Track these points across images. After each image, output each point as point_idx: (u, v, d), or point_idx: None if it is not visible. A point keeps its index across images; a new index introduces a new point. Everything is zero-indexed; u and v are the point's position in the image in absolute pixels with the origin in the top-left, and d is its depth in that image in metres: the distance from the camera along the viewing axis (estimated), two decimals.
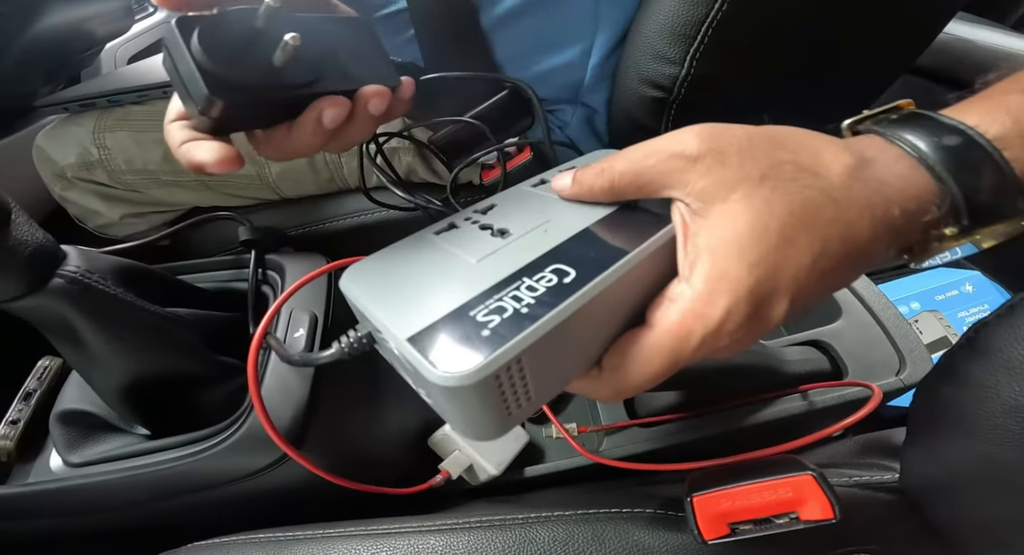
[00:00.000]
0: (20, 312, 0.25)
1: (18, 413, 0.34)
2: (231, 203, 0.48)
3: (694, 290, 0.18)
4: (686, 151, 0.19)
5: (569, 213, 0.22)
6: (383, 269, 0.21)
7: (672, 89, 0.38)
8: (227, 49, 0.20)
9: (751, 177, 0.18)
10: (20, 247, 0.23)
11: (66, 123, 0.46)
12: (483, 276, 0.19)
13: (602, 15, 0.40)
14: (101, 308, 0.26)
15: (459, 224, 0.23)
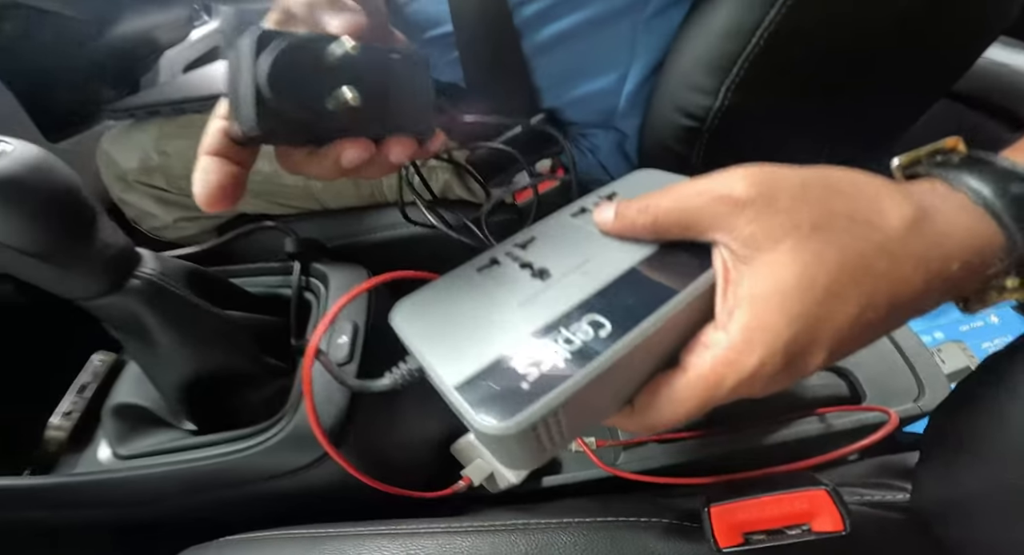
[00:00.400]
0: (97, 309, 0.28)
1: (72, 405, 0.37)
2: (275, 210, 0.52)
3: (730, 339, 0.18)
4: (734, 194, 0.19)
5: (609, 252, 0.23)
6: (430, 307, 0.22)
7: (705, 119, 0.40)
8: (289, 80, 0.21)
9: (802, 227, 0.18)
10: (105, 249, 0.26)
11: (131, 129, 0.50)
12: (523, 323, 0.20)
13: (639, 44, 0.42)
14: (171, 309, 0.29)
15: (500, 260, 0.24)
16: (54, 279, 0.25)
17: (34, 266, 0.24)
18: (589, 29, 0.41)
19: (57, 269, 0.25)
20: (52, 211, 0.23)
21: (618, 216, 0.23)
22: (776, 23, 0.34)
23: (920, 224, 0.18)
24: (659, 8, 0.40)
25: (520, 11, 0.40)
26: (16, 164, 0.23)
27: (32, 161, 0.23)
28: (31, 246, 0.23)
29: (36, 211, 0.23)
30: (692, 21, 0.40)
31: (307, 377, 0.27)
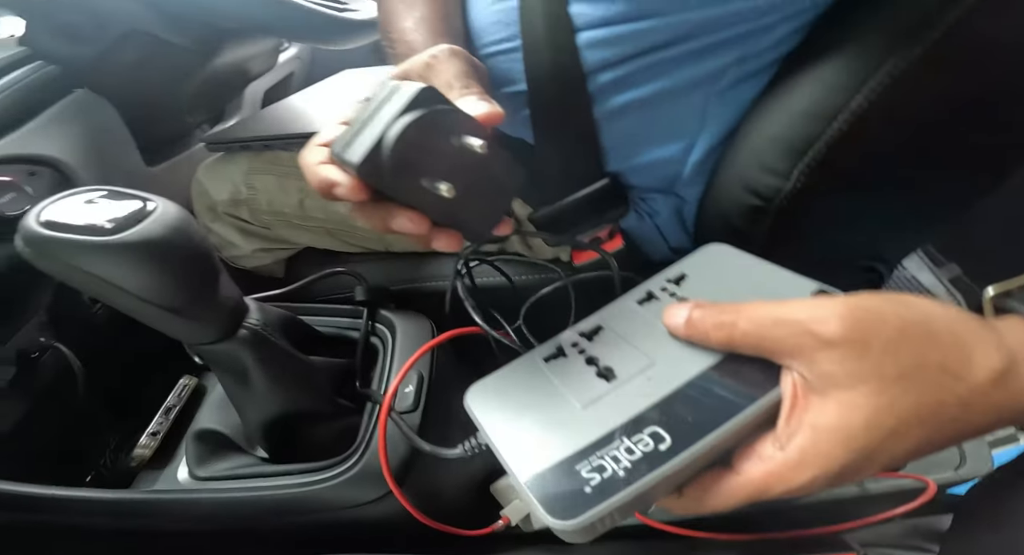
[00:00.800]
0: (204, 352, 0.31)
1: (158, 426, 0.41)
2: (343, 248, 0.55)
3: (786, 457, 0.19)
4: (825, 334, 0.19)
5: (674, 356, 0.23)
6: (501, 394, 0.24)
7: (773, 199, 0.40)
8: (411, 146, 0.22)
9: (888, 375, 0.18)
10: (226, 302, 0.29)
11: (223, 161, 0.54)
12: (588, 427, 0.22)
13: (710, 115, 0.43)
14: (268, 356, 0.32)
15: (567, 351, 0.26)
16: (179, 329, 0.28)
17: (164, 318, 0.27)
18: (662, 98, 0.42)
19: (185, 321, 0.28)
20: (190, 270, 0.27)
21: (690, 325, 0.23)
22: (862, 107, 0.34)
23: (1006, 378, 0.18)
24: (734, 81, 0.41)
25: (595, 77, 0.42)
26: (162, 226, 0.26)
27: (175, 222, 0.27)
28: (167, 302, 0.26)
29: (177, 271, 0.26)
30: (769, 97, 0.40)
31: (382, 430, 0.30)
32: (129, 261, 0.24)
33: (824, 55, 0.36)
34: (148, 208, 0.26)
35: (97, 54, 0.49)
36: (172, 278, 0.26)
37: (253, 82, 0.78)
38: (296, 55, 0.88)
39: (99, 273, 0.24)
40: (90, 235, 0.23)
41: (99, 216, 0.25)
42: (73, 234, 0.23)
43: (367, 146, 0.21)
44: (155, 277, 0.25)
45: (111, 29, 0.48)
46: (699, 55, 0.39)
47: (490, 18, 0.44)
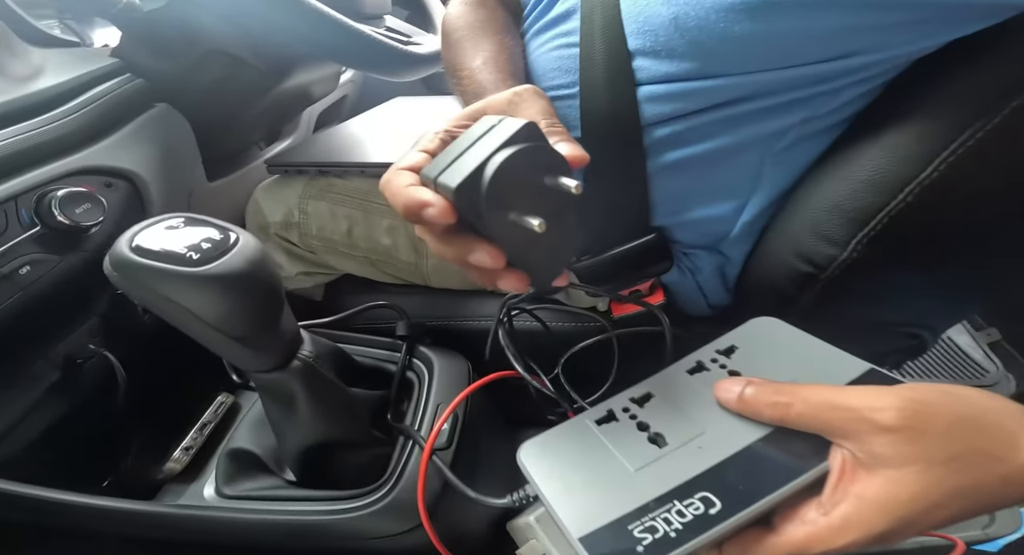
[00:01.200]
0: (258, 379, 0.32)
1: (192, 441, 0.42)
2: (383, 279, 0.56)
3: (829, 522, 0.21)
4: (882, 422, 0.20)
5: (725, 426, 0.25)
6: (554, 453, 0.25)
7: (826, 268, 0.39)
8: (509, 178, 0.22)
9: (936, 458, 0.20)
10: (285, 334, 0.30)
11: (280, 183, 0.56)
12: (640, 489, 0.23)
13: (764, 175, 0.42)
14: (316, 386, 0.33)
15: (618, 416, 0.27)
16: (239, 356, 0.29)
17: (229, 345, 0.28)
18: (718, 156, 0.41)
19: (247, 350, 0.29)
20: (261, 304, 0.28)
21: (743, 401, 0.24)
22: (931, 179, 0.33)
23: None
24: (794, 142, 0.40)
25: (651, 131, 0.42)
26: (244, 260, 0.27)
27: (255, 255, 0.28)
28: (236, 331, 0.27)
29: (250, 304, 0.27)
30: (830, 163, 0.40)
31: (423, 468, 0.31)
32: (211, 292, 0.25)
33: (894, 121, 0.36)
34: (231, 240, 0.27)
35: (181, 70, 0.52)
36: (246, 310, 0.27)
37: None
38: (351, 79, 0.92)
39: (181, 301, 0.25)
40: (177, 265, 0.25)
41: (182, 244, 0.26)
42: (161, 262, 0.25)
43: (467, 172, 0.22)
44: (231, 308, 0.26)
45: (198, 47, 0.51)
46: (762, 115, 0.39)
47: (550, 63, 0.45)
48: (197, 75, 0.52)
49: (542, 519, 0.40)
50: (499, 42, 0.46)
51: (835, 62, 0.35)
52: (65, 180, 0.41)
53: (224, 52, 0.52)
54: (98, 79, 0.48)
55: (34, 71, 0.45)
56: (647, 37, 0.38)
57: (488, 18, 0.49)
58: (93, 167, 0.43)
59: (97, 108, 0.46)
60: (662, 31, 0.37)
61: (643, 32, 0.38)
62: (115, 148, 0.46)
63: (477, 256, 0.24)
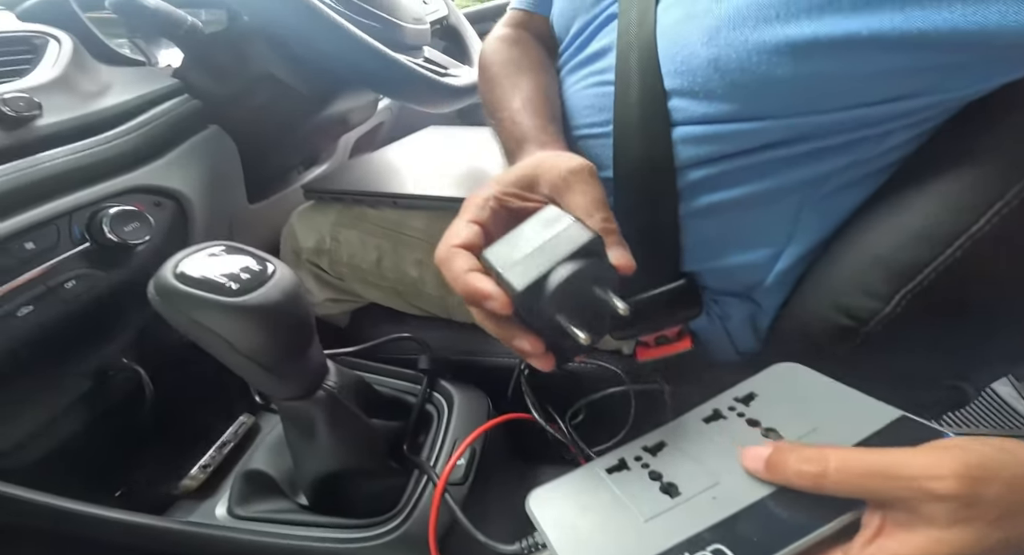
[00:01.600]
0: (282, 406, 0.32)
1: (211, 459, 0.42)
2: (409, 309, 0.57)
3: None
4: (940, 492, 0.19)
5: (740, 477, 0.24)
6: (563, 501, 0.25)
7: (868, 322, 0.38)
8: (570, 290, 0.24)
9: (986, 518, 0.19)
10: (312, 363, 0.31)
11: (314, 209, 0.58)
12: (651, 539, 0.22)
13: (803, 223, 0.41)
14: (338, 416, 0.34)
15: (630, 465, 0.26)
16: (266, 383, 0.30)
17: (258, 373, 0.29)
18: (754, 201, 0.40)
19: (275, 378, 0.29)
20: (294, 335, 0.28)
21: (771, 469, 0.23)
22: (984, 232, 0.32)
23: None
24: (837, 188, 0.39)
25: (686, 173, 0.41)
26: (280, 292, 0.28)
27: (290, 288, 0.29)
28: (267, 361, 0.28)
29: (284, 335, 0.28)
30: (874, 211, 0.38)
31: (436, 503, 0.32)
32: (248, 323, 0.26)
33: (944, 170, 0.35)
34: (268, 271, 0.28)
35: (233, 93, 0.55)
36: (279, 341, 0.28)
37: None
38: (387, 107, 0.96)
39: (219, 330, 0.26)
40: (217, 294, 0.26)
41: (222, 273, 0.27)
42: (202, 291, 0.26)
43: (530, 278, 0.24)
44: (266, 339, 0.27)
45: (250, 71, 0.54)
46: (802, 160, 0.37)
47: (584, 100, 0.45)
48: (247, 98, 0.55)
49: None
50: (536, 81, 0.46)
51: (882, 106, 0.34)
52: (119, 198, 0.43)
53: (273, 77, 0.55)
54: (159, 99, 0.51)
55: (101, 88, 0.48)
56: (685, 77, 0.38)
57: (524, 55, 0.50)
58: (145, 186, 0.45)
59: (156, 128, 0.48)
60: (700, 72, 0.36)
61: (681, 72, 0.38)
62: (167, 168, 0.48)
63: (520, 343, 0.26)
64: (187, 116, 0.52)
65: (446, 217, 0.55)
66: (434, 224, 0.54)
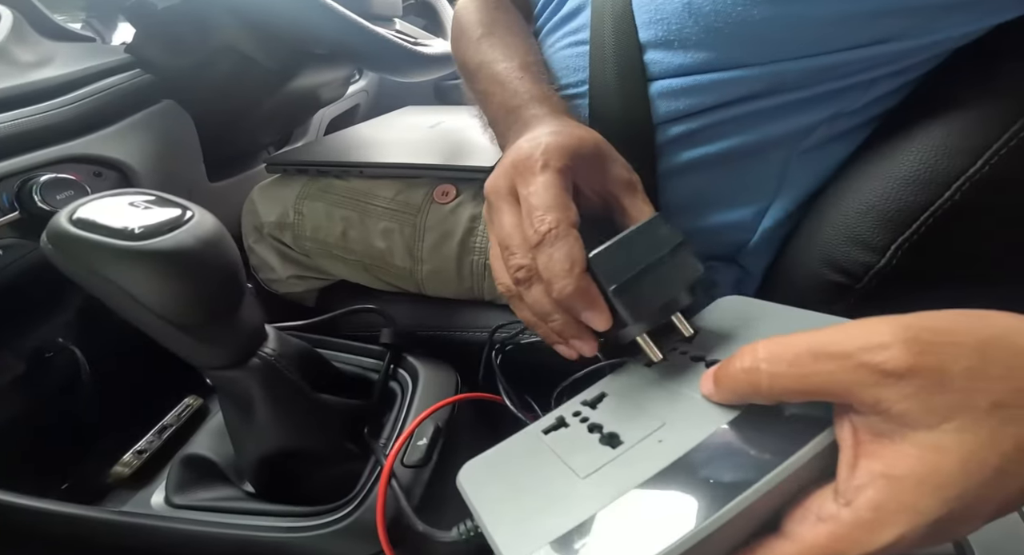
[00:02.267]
0: (212, 377, 0.30)
1: (147, 444, 0.39)
2: (378, 285, 0.54)
3: (854, 516, 0.16)
4: (888, 365, 0.15)
5: (689, 414, 0.21)
6: (496, 472, 0.23)
7: (861, 278, 0.35)
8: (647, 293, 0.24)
9: (978, 407, 0.15)
10: (244, 327, 0.28)
11: (277, 183, 0.56)
12: (589, 499, 0.19)
13: (789, 178, 0.39)
14: (278, 389, 0.31)
15: (568, 421, 0.24)
16: (187, 349, 0.27)
17: (174, 335, 0.26)
18: (737, 156, 0.38)
19: (195, 342, 0.26)
20: (212, 290, 0.26)
21: (719, 386, 0.20)
22: (983, 174, 0.30)
23: None
24: (823, 140, 0.37)
25: (664, 130, 0.39)
26: (193, 238, 0.25)
27: (208, 235, 0.26)
28: (179, 319, 0.25)
29: (197, 288, 0.25)
30: (864, 161, 0.37)
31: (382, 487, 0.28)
32: (150, 271, 0.23)
33: (935, 116, 0.33)
34: (185, 217, 0.25)
35: (191, 67, 0.52)
36: (191, 295, 0.25)
37: (321, 110, 0.82)
38: (363, 88, 0.94)
39: (117, 280, 0.23)
40: (116, 239, 0.22)
41: (135, 220, 0.24)
42: (99, 235, 0.23)
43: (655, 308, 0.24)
44: (175, 292, 0.24)
45: (210, 44, 0.52)
46: (785, 111, 0.36)
47: (561, 62, 0.43)
48: (206, 72, 0.53)
49: None
50: (529, 45, 0.44)
51: (866, 49, 0.32)
52: (54, 167, 0.41)
53: (235, 49, 0.53)
54: (105, 72, 0.49)
55: (40, 60, 0.46)
56: (659, 27, 0.36)
57: (509, 17, 0.48)
58: (83, 155, 0.43)
59: (98, 99, 0.46)
60: (675, 19, 0.35)
61: (655, 22, 0.36)
62: (110, 139, 0.46)
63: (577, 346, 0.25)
64: (137, 90, 0.50)
65: (416, 186, 0.54)
66: (403, 193, 0.52)
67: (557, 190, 0.26)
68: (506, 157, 0.30)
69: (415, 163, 0.52)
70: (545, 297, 0.25)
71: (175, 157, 0.53)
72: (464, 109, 0.67)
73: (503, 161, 0.31)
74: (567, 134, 0.29)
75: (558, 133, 0.29)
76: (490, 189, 0.30)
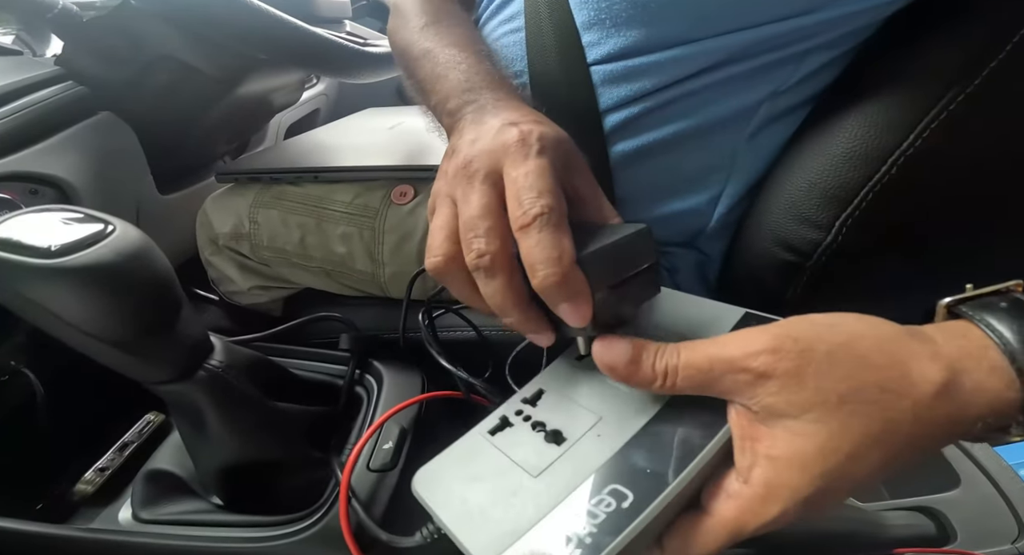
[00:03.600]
0: (159, 392, 0.29)
1: (109, 462, 0.39)
2: (342, 291, 0.53)
3: (752, 491, 0.20)
4: (756, 368, 0.19)
5: (620, 407, 0.23)
6: (450, 476, 0.24)
7: (811, 255, 0.36)
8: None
9: (828, 401, 0.19)
10: (184, 340, 0.27)
11: (231, 193, 0.54)
12: (544, 496, 0.21)
13: (738, 162, 0.40)
14: (229, 401, 0.30)
15: (512, 420, 0.25)
16: (126, 365, 0.26)
17: (110, 353, 0.25)
18: (686, 141, 0.39)
19: (133, 358, 0.26)
20: (141, 305, 0.25)
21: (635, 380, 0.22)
22: (916, 148, 0.31)
23: (949, 390, 0.18)
24: (766, 121, 0.38)
25: (610, 118, 0.39)
26: (113, 252, 0.24)
27: (130, 249, 0.25)
28: (108, 336, 0.24)
29: (122, 304, 0.24)
30: (805, 141, 0.37)
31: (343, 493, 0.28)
32: (69, 288, 0.22)
33: (867, 93, 0.34)
34: (106, 232, 0.24)
35: (127, 78, 0.50)
36: (116, 310, 0.24)
37: (278, 116, 0.81)
38: (322, 92, 0.92)
39: (36, 299, 0.22)
40: (30, 257, 0.21)
41: (55, 238, 0.23)
42: (16, 254, 0.21)
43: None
44: (97, 308, 0.23)
45: (145, 53, 0.50)
46: (725, 89, 0.37)
47: (500, 51, 0.43)
48: (144, 82, 0.51)
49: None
50: (474, 34, 0.43)
51: (792, 21, 0.33)
52: None
53: (173, 58, 0.51)
54: (35, 86, 0.46)
55: None
56: (590, 5, 0.36)
57: (453, 9, 0.46)
58: (16, 173, 0.41)
59: (29, 114, 0.44)
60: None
61: (586, 1, 0.36)
62: (45, 154, 0.44)
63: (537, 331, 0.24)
64: (70, 103, 0.48)
65: (374, 188, 0.53)
66: (361, 196, 0.51)
67: (553, 178, 0.25)
68: (486, 137, 0.28)
69: (370, 165, 0.51)
70: (508, 290, 0.24)
71: (117, 170, 0.51)
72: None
73: (480, 141, 0.28)
74: (551, 125, 0.29)
75: (544, 123, 0.28)
76: (463, 166, 0.27)
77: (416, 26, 0.43)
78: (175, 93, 0.54)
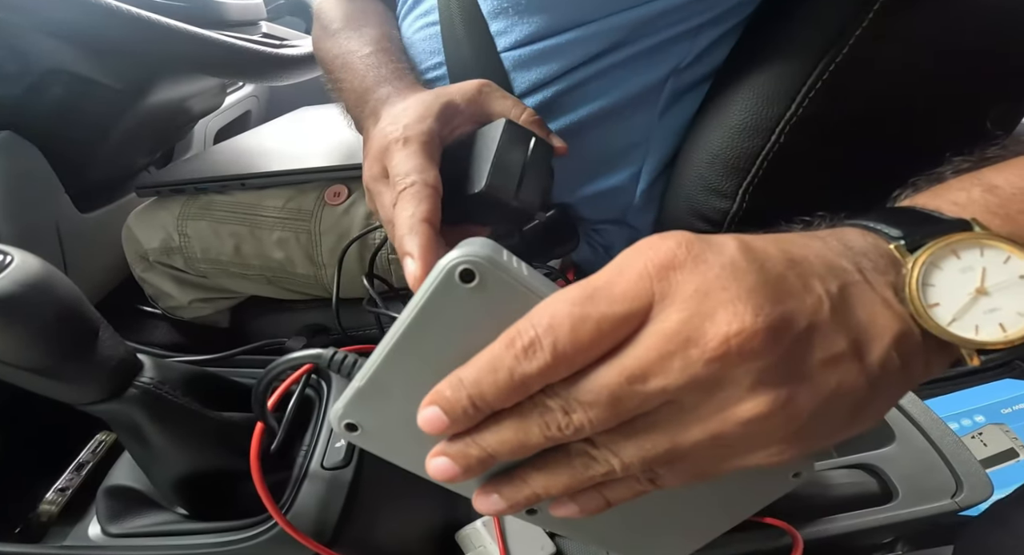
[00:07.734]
0: (95, 412, 0.28)
1: (68, 482, 0.38)
2: (288, 296, 0.53)
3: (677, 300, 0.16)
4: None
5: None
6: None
7: (722, 223, 0.39)
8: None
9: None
10: (106, 361, 0.27)
11: (154, 207, 0.52)
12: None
13: (653, 139, 0.42)
14: (168, 415, 0.30)
15: None
16: (50, 389, 0.26)
17: (27, 378, 0.25)
18: (599, 121, 0.40)
19: (54, 382, 0.25)
20: (50, 331, 0.24)
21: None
22: (799, 116, 0.34)
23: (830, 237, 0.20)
24: (672, 97, 0.40)
25: (525, 101, 0.40)
26: (13, 283, 0.23)
27: (31, 278, 0.24)
28: (27, 363, 0.24)
29: (33, 331, 0.24)
30: (706, 114, 0.39)
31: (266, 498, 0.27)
32: None
33: (755, 65, 0.36)
34: (4, 262, 0.23)
35: (19, 93, 0.47)
36: (29, 338, 0.23)
37: (204, 122, 0.77)
38: (251, 94, 0.88)
39: None
40: None
41: None
42: None
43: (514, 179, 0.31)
44: (7, 337, 0.22)
45: (33, 68, 0.47)
46: (629, 67, 0.38)
47: (419, 46, 0.43)
48: (38, 98, 0.48)
49: (488, 524, 0.38)
50: (383, 31, 0.44)
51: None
52: None
53: (65, 71, 0.48)
54: None
55: None
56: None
57: (366, 7, 0.47)
58: None
59: None
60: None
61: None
62: None
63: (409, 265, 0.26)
64: None
65: (306, 191, 0.52)
66: (294, 200, 0.50)
67: (418, 159, 0.29)
68: (372, 144, 0.32)
69: (298, 169, 0.50)
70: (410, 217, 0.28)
71: (25, 191, 0.48)
72: None
73: (370, 148, 0.32)
74: (416, 107, 0.32)
75: (419, 101, 0.32)
76: (367, 179, 0.33)
77: (331, 31, 0.45)
78: (76, 107, 0.50)
